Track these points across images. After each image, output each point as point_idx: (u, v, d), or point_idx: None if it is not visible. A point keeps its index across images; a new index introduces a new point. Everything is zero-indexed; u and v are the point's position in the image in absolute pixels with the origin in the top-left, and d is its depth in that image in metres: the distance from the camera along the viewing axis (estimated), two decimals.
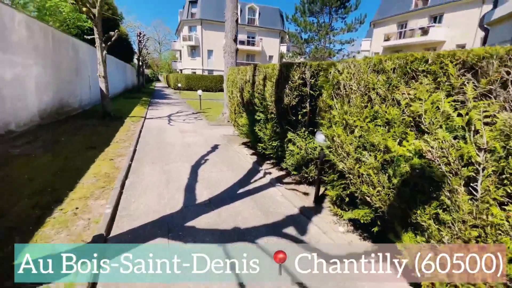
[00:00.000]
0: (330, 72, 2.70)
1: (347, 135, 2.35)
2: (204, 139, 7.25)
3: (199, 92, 13.85)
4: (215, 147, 6.51)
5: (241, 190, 4.02)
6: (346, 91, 2.38)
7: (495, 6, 6.06)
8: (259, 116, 4.70)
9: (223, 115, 10.65)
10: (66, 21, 12.68)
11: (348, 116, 2.32)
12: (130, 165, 4.78)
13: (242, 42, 36.50)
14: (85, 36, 9.29)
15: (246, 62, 37.86)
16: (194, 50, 36.61)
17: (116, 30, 8.82)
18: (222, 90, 33.48)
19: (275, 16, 39.72)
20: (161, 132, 7.92)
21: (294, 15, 29.90)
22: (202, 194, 3.77)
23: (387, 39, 30.24)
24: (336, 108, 2.50)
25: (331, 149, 2.71)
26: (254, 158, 5.74)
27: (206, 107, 15.03)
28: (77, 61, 10.30)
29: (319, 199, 3.72)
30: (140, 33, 24.14)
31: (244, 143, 7.04)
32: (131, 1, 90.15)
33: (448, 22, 24.65)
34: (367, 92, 2.20)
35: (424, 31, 25.83)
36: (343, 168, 2.45)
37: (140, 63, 27.61)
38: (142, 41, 24.86)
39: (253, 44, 37.57)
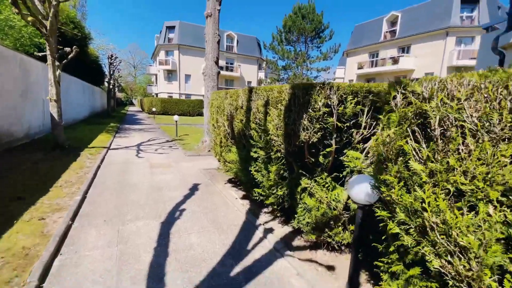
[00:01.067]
0: (394, 97, 1.64)
1: (455, 215, 1.24)
2: (180, 177, 5.84)
3: (175, 117, 12.52)
4: (194, 189, 5.12)
5: (236, 270, 2.67)
6: (451, 130, 1.30)
7: (510, 29, 5.69)
8: (256, 153, 3.52)
9: (203, 144, 9.34)
10: (20, 38, 11.04)
11: (460, 177, 1.24)
12: (68, 228, 3.26)
13: (221, 68, 36.04)
14: (35, 53, 7.74)
15: (225, 87, 37.45)
16: (171, 74, 35.60)
17: (74, 47, 7.43)
18: (200, 115, 32.40)
19: (253, 44, 40.52)
20: (126, 168, 6.39)
21: (271, 43, 30.51)
22: (177, 286, 2.37)
23: (360, 67, 31.61)
24: (422, 159, 1.41)
25: (403, 226, 1.57)
26: (247, 204, 4.45)
27: (183, 133, 13.63)
28: (27, 82, 8.61)
29: (353, 281, 2.50)
30: (111, 55, 22.70)
31: (231, 180, 5.75)
32: (105, 25, 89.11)
33: (415, 52, 26.26)
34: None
35: (395, 60, 27.27)
36: (448, 272, 1.30)
37: (111, 86, 25.80)
38: (113, 64, 23.35)
39: (231, 70, 37.51)
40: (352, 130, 2.57)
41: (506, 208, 1.15)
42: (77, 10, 27.20)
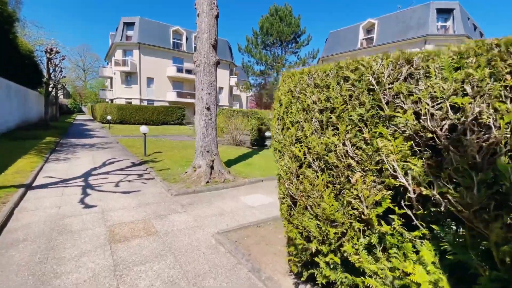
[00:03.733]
0: None
1: None
2: (181, 275, 2.63)
3: (143, 128, 8.94)
4: None
5: None
6: None
7: None
8: None
9: (195, 170, 6.08)
10: None
11: None
12: None
13: (189, 71, 32.66)
14: None
15: (194, 92, 33.70)
16: (129, 77, 30.73)
17: None
18: (165, 123, 28.15)
19: (224, 47, 37.61)
20: (51, 251, 2.92)
21: (247, 46, 28.09)
22: None
23: None
24: None
25: None
26: None
27: (153, 150, 10.04)
28: None
29: None
30: (51, 49, 17.78)
31: (292, 260, 2.72)
32: (50, 22, 78.17)
33: None
34: None
35: None
36: None
37: (51, 89, 20.51)
38: (52, 60, 18.40)
39: None
40: None
41: None
42: None
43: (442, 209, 1.16)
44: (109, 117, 20.96)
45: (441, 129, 1.16)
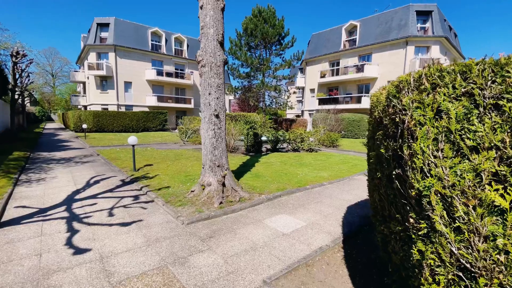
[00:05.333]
0: None
1: None
2: None
3: (132, 139, 7.84)
4: None
5: None
6: None
7: None
8: None
9: (203, 189, 5.19)
10: None
11: None
12: None
13: (169, 74, 31.23)
14: None
15: (175, 96, 32.37)
16: (105, 82, 28.68)
17: None
18: (146, 130, 26.47)
19: None
20: None
21: (231, 48, 27.30)
22: None
23: (322, 76, 30.87)
24: None
25: None
26: None
27: (142, 162, 8.92)
28: None
29: None
30: (17, 52, 15.86)
31: None
32: (18, 24, 72.06)
33: (376, 60, 26.48)
34: None
35: (358, 69, 27.08)
36: None
37: (17, 96, 18.41)
38: (19, 64, 16.46)
39: (182, 77, 32.64)
40: None
41: None
42: None
43: None
44: (84, 126, 19.13)
45: None
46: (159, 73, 30.32)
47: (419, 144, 1.29)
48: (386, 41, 25.15)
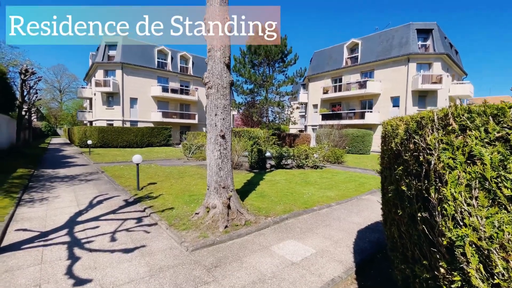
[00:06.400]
0: None
1: None
2: None
3: (136, 158, 7.79)
4: None
5: None
6: None
7: None
8: None
9: (208, 211, 5.06)
10: None
11: None
12: None
13: (175, 91, 31.77)
14: None
15: (180, 112, 32.74)
16: (111, 98, 29.20)
17: None
18: (150, 145, 26.56)
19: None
20: None
21: (235, 65, 27.85)
22: None
23: (325, 92, 31.15)
24: None
25: None
26: None
27: (146, 180, 8.83)
28: None
29: None
30: (26, 70, 16.29)
31: None
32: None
33: (379, 77, 26.73)
34: None
35: (361, 85, 27.30)
36: None
37: (24, 113, 18.73)
38: (27, 82, 16.86)
39: (187, 93, 33.16)
40: None
41: None
42: None
43: None
44: (89, 142, 19.27)
45: None
46: (165, 89, 30.87)
47: (450, 190, 1.20)
48: (388, 58, 25.49)
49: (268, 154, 13.74)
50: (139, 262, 3.54)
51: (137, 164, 7.87)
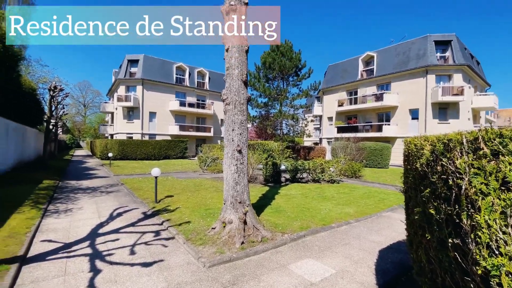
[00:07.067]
0: None
1: None
2: None
3: (155, 172, 7.99)
4: None
5: None
6: None
7: None
8: None
9: (224, 227, 5.06)
10: None
11: None
12: None
13: (191, 105, 32.70)
14: None
15: (196, 125, 33.50)
16: (132, 112, 30.47)
17: None
18: (167, 157, 27.20)
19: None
20: None
21: (250, 80, 28.43)
22: None
23: (340, 104, 30.91)
24: None
25: None
26: None
27: (164, 193, 8.99)
28: None
29: None
30: (54, 87, 17.42)
31: None
32: (56, 60, 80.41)
33: (396, 89, 26.24)
34: None
35: (377, 97, 26.90)
36: None
37: (51, 126, 19.85)
38: (55, 98, 17.98)
39: (203, 107, 34.02)
40: None
41: None
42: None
43: None
44: (110, 154, 20.04)
45: None
46: (182, 104, 31.88)
47: (483, 216, 1.16)
48: (405, 70, 25.10)
49: (283, 167, 13.65)
50: (157, 277, 3.57)
51: (156, 177, 8.07)
